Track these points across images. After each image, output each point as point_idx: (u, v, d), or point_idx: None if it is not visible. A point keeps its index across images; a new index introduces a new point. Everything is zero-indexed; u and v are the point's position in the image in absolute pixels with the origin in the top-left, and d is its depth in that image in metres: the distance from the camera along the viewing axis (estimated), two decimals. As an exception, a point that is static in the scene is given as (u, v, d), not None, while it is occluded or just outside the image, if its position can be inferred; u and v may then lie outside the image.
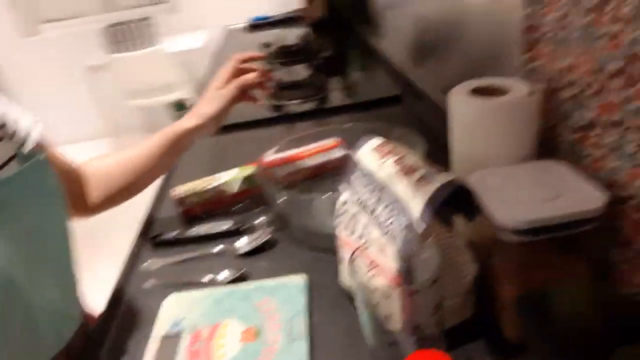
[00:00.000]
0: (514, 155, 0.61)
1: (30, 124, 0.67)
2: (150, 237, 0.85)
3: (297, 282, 0.69)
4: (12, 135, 0.63)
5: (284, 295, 0.67)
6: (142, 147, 0.83)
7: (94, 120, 4.01)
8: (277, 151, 0.91)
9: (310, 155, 0.96)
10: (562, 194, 0.52)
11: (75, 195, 0.78)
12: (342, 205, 0.64)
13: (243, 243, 0.80)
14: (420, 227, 0.51)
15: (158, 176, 0.88)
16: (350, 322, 0.62)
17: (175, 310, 0.67)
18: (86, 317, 0.75)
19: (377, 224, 0.57)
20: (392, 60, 1.56)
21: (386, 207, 0.56)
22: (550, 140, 0.63)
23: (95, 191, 0.81)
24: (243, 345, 0.60)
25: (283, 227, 0.83)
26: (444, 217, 0.53)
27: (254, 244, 0.79)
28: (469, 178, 0.58)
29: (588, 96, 0.55)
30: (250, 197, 0.93)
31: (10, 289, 0.57)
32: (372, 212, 0.59)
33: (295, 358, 0.57)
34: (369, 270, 0.58)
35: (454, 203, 0.51)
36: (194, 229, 0.85)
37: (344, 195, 0.64)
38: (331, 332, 0.62)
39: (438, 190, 0.52)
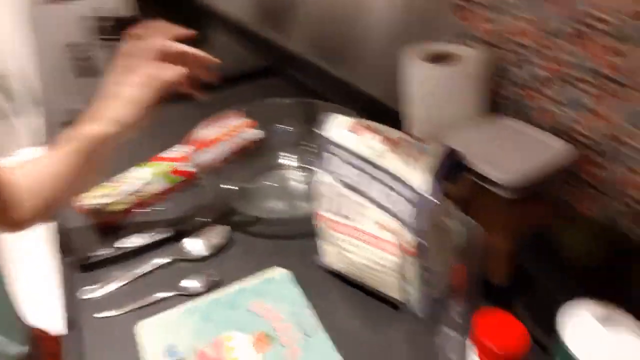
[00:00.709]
0: (469, 115, 0.66)
1: None
2: (77, 259, 0.71)
3: (281, 276, 0.67)
4: None
5: (276, 293, 0.64)
6: (55, 156, 0.67)
7: None
8: (186, 140, 0.84)
9: (226, 138, 0.91)
10: (532, 148, 0.59)
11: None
12: (321, 186, 0.62)
13: (199, 246, 0.73)
14: (431, 199, 0.53)
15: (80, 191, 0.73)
16: (355, 302, 0.63)
17: (159, 338, 0.59)
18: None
19: (371, 202, 0.58)
20: (250, 28, 1.52)
21: (382, 184, 0.57)
22: (498, 99, 0.71)
23: (27, 202, 0.65)
24: (262, 355, 0.56)
25: (227, 220, 0.77)
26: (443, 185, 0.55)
27: (215, 245, 0.73)
28: (445, 140, 0.62)
29: (534, 55, 0.64)
30: (170, 195, 0.84)
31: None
32: (363, 190, 0.59)
33: (323, 354, 0.56)
34: (366, 246, 0.59)
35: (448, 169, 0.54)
36: (123, 241, 0.74)
37: (322, 176, 0.62)
38: (341, 317, 0.62)
39: (441, 159, 0.55)
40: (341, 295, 0.64)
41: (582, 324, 0.41)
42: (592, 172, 0.63)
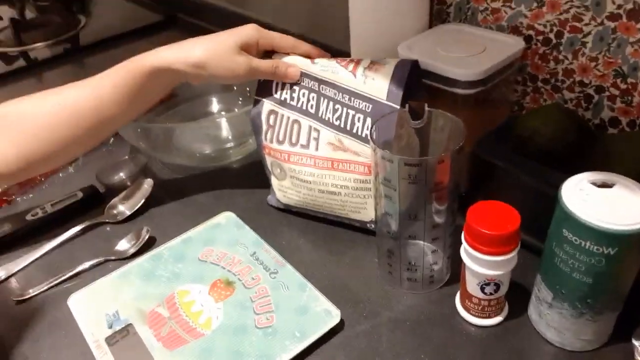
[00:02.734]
0: (415, 27, 0.62)
1: None
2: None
3: (228, 220, 0.59)
4: None
5: (226, 238, 0.56)
6: (89, 86, 0.52)
7: None
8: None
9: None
10: (484, 47, 0.57)
11: None
12: (270, 117, 0.56)
13: (122, 206, 0.62)
14: (394, 106, 0.49)
15: (113, 131, 0.57)
16: (317, 234, 0.57)
17: (96, 308, 0.49)
18: None
19: (325, 123, 0.53)
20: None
21: (334, 101, 0.52)
22: (443, 7, 0.68)
23: (12, 148, 0.50)
24: (223, 303, 0.49)
25: (149, 174, 0.67)
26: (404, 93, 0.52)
27: (138, 201, 0.62)
28: (398, 52, 0.58)
29: None
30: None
31: None
32: (313, 112, 0.54)
33: (294, 285, 0.50)
34: (325, 171, 0.54)
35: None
36: (27, 214, 0.62)
37: (268, 106, 0.56)
38: (306, 250, 0.55)
39: (398, 67, 0.50)
40: (300, 230, 0.58)
41: (578, 186, 0.39)
42: (543, 66, 0.62)
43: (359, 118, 0.51)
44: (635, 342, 0.42)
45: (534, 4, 0.59)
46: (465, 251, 0.43)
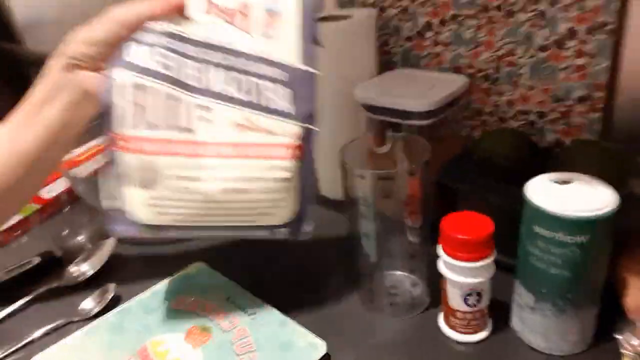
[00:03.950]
0: (364, 73, 0.66)
1: None
2: None
3: (199, 269, 0.57)
4: None
5: (199, 286, 0.54)
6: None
7: None
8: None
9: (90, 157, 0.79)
10: (434, 85, 0.61)
11: None
12: (137, 93, 0.41)
13: (84, 267, 0.59)
14: (309, 70, 0.42)
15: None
16: (286, 269, 0.56)
17: (60, 368, 0.45)
18: None
19: (228, 99, 0.42)
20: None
21: (230, 70, 0.42)
22: (388, 55, 0.73)
23: None
24: (201, 349, 0.46)
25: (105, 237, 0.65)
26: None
27: (100, 261, 0.60)
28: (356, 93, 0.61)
29: (416, 6, 0.67)
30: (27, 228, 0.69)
31: None
32: (207, 85, 0.42)
33: (274, 322, 0.48)
34: (225, 161, 0.42)
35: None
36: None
37: (131, 78, 0.41)
38: (280, 286, 0.54)
39: (304, 18, 0.42)
40: (273, 264, 0.57)
41: (541, 185, 0.41)
42: (487, 99, 0.67)
43: (271, 88, 0.42)
44: (618, 337, 0.43)
45: (471, 44, 0.65)
46: (445, 263, 0.43)
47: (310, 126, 0.37)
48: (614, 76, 0.57)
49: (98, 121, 0.42)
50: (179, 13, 0.43)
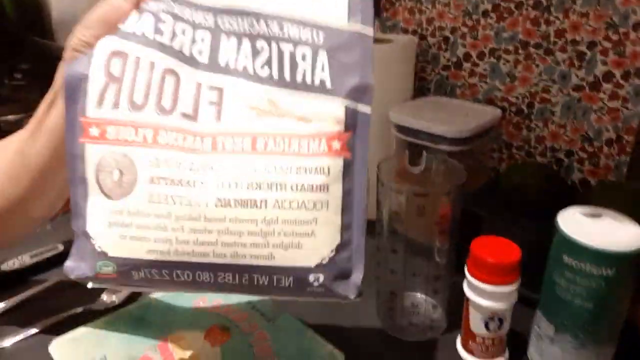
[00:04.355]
0: (400, 97, 0.68)
1: None
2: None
3: (220, 271, 0.58)
4: None
5: (220, 287, 0.55)
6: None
7: None
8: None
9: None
10: (467, 114, 0.62)
11: None
12: (112, 61, 0.32)
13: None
14: (366, 32, 0.31)
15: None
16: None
17: (82, 353, 0.46)
18: None
19: (245, 75, 0.32)
20: None
21: (260, 37, 0.32)
22: (423, 80, 0.74)
23: None
24: (220, 348, 0.47)
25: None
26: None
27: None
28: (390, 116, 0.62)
29: (457, 37, 0.69)
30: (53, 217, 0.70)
31: None
32: (215, 60, 0.33)
33: (294, 331, 0.48)
34: (247, 154, 0.31)
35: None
36: (7, 264, 0.59)
37: (108, 44, 0.32)
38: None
39: None
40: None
41: (572, 216, 0.42)
42: (516, 134, 0.68)
43: (303, 56, 0.31)
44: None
45: (507, 79, 0.67)
46: (470, 285, 0.44)
47: (360, 105, 0.27)
48: (645, 121, 0.58)
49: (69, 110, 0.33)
50: None
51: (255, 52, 0.32)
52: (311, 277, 0.30)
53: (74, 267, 0.33)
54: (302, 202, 0.29)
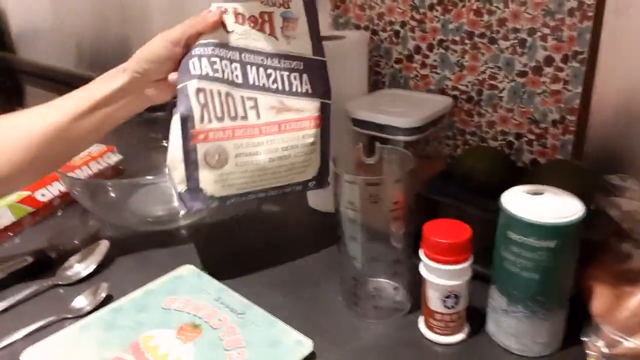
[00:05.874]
0: (355, 92, 0.70)
1: None
2: None
3: (189, 271, 0.59)
4: None
5: (189, 287, 0.56)
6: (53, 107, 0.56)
7: None
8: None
9: (84, 164, 0.81)
10: (420, 105, 0.65)
11: None
12: (199, 95, 0.52)
13: (77, 269, 0.61)
14: (319, 58, 0.56)
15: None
16: (273, 280, 0.58)
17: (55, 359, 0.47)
18: None
19: (257, 89, 0.54)
20: None
21: (269, 67, 0.55)
22: (377, 74, 0.77)
23: None
24: (192, 344, 0.48)
25: (102, 237, 0.67)
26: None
27: (93, 263, 0.61)
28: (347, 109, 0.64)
29: (407, 31, 0.71)
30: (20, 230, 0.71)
31: None
32: (246, 81, 0.54)
33: (263, 323, 0.50)
34: (269, 137, 0.54)
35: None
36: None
37: (194, 84, 0.52)
38: (270, 294, 0.56)
39: (307, 16, 0.56)
40: (261, 276, 0.59)
41: (515, 195, 0.44)
42: (468, 120, 0.71)
43: (295, 76, 0.56)
44: (584, 339, 0.46)
45: (456, 68, 0.69)
46: (426, 266, 0.46)
47: (326, 101, 0.50)
48: (586, 101, 0.61)
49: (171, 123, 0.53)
50: (216, 27, 0.53)
51: (268, 75, 0.55)
52: (310, 184, 0.59)
53: (192, 206, 0.53)
54: (305, 151, 0.56)
